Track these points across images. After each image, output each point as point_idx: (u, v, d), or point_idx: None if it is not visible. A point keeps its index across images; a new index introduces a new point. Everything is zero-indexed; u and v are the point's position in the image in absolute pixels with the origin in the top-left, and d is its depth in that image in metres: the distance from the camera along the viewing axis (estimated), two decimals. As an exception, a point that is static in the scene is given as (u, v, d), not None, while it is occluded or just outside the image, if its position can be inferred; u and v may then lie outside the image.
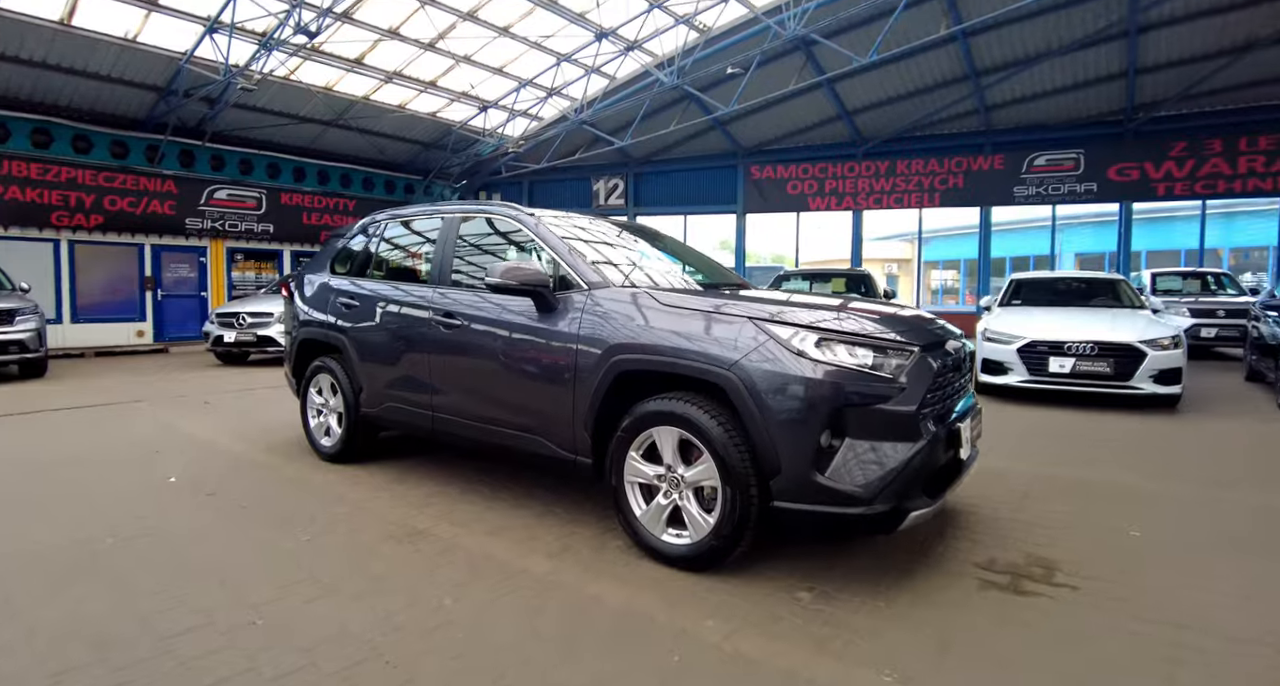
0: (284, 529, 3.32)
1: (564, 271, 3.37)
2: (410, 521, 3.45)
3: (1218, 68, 14.21)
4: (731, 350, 2.74)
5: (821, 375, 2.61)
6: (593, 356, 3.08)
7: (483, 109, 16.76)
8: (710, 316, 2.89)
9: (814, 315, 2.80)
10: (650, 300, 3.08)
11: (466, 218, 4.02)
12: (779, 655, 2.28)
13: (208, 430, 5.67)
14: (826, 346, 2.68)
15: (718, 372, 2.73)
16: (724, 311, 2.89)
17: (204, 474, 4.29)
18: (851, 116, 17.54)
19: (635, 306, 3.08)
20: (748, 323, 2.79)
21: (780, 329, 2.73)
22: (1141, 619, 2.56)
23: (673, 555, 2.90)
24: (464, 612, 2.52)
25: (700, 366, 2.78)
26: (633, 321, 3.02)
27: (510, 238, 3.90)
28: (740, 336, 2.76)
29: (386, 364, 4.09)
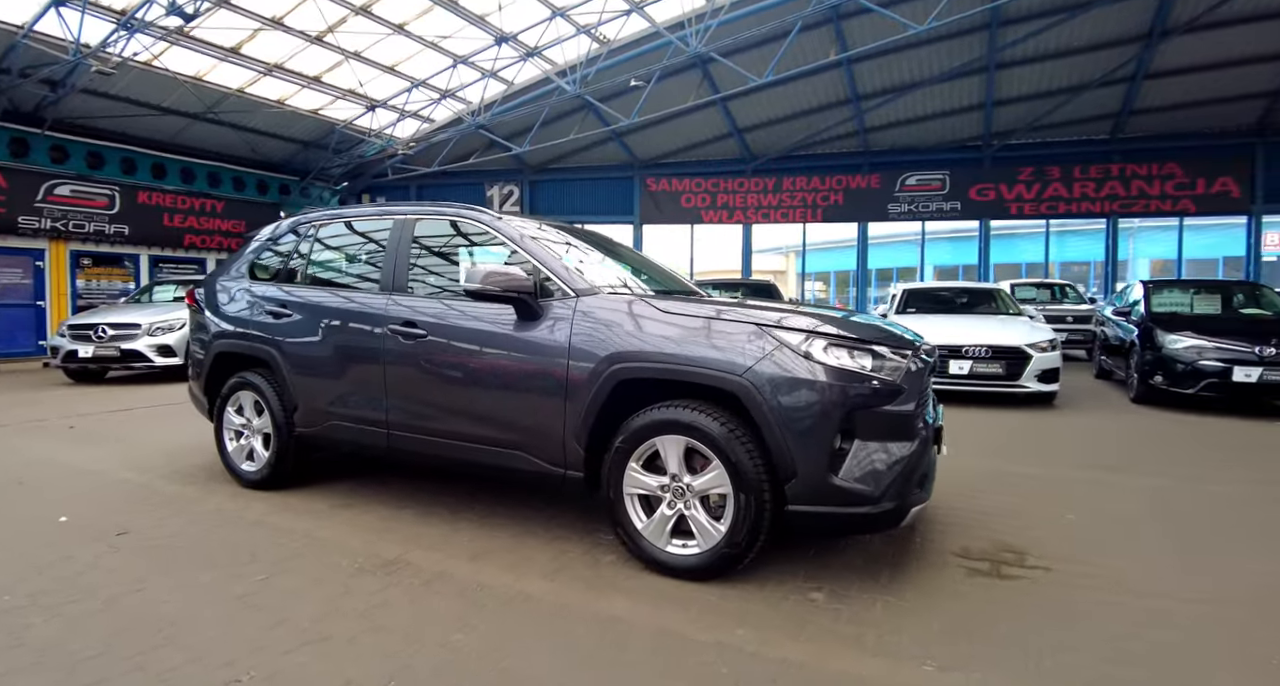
0: (231, 569, 2.92)
1: (546, 277, 3.21)
2: (375, 550, 3.15)
3: (1058, 104, 16.10)
4: (743, 356, 2.73)
5: (834, 379, 2.66)
6: (588, 366, 2.96)
7: (371, 108, 15.90)
8: (716, 323, 2.86)
9: (813, 321, 2.84)
10: (649, 307, 3.00)
11: (421, 219, 3.75)
12: (821, 657, 2.28)
13: (89, 459, 4.91)
14: (834, 351, 2.72)
15: (731, 379, 2.70)
16: (728, 318, 2.87)
17: (102, 511, 3.70)
18: (743, 134, 18.25)
19: (633, 314, 2.99)
20: (756, 329, 2.79)
21: (789, 335, 2.75)
22: (1113, 592, 2.80)
23: (680, 566, 2.83)
24: (480, 647, 2.31)
25: (712, 373, 2.74)
26: (633, 329, 2.93)
27: (474, 241, 3.69)
28: (751, 343, 2.75)
29: (330, 379, 3.72)
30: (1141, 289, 8.98)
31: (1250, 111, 15.78)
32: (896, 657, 2.30)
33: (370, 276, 3.82)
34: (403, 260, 3.65)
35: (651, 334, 2.90)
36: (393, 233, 3.76)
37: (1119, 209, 17.32)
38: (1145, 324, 7.98)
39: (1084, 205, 17.48)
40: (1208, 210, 16.71)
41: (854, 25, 14.05)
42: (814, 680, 2.15)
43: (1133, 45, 14.23)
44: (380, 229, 3.95)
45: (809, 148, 18.74)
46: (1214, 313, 8.52)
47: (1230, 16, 13.11)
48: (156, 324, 9.37)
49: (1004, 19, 13.57)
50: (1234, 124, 16.17)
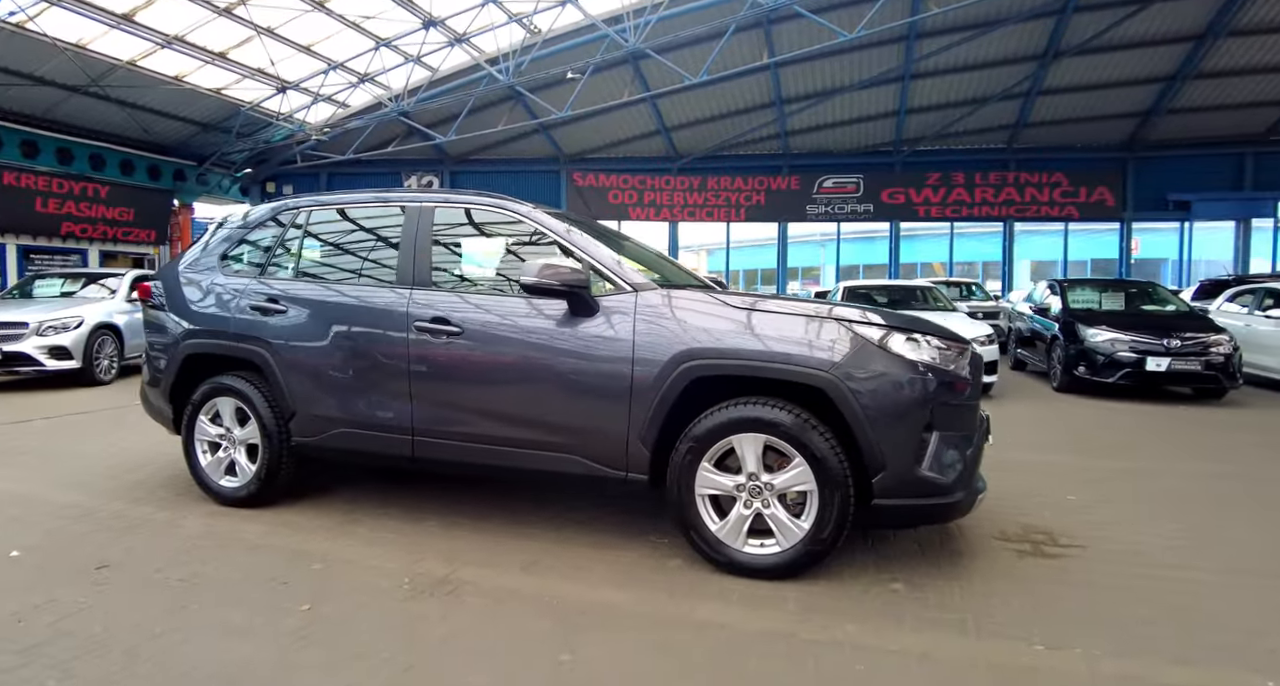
0: (264, 601, 2.57)
1: (599, 271, 3.05)
2: (419, 569, 2.87)
3: (963, 114, 17.25)
4: (829, 352, 2.69)
5: (917, 373, 2.68)
6: (655, 364, 2.83)
7: (281, 90, 14.79)
8: (793, 319, 2.81)
9: (885, 316, 2.86)
10: (719, 303, 2.91)
11: (440, 208, 3.47)
12: (938, 646, 2.30)
13: (6, 479, 4.23)
14: (913, 345, 2.74)
15: (818, 375, 2.67)
16: (805, 313, 2.83)
17: (58, 542, 3.16)
18: (670, 132, 18.40)
19: (704, 310, 2.89)
20: (836, 323, 2.77)
21: (869, 330, 2.75)
22: (1147, 567, 3.00)
23: (758, 566, 2.77)
24: (596, 665, 2.15)
25: (797, 370, 2.69)
26: (706, 325, 2.83)
27: (506, 233, 3.46)
28: (833, 338, 2.73)
29: (337, 383, 3.37)
30: (1058, 287, 9.74)
31: (1123, 129, 17.52)
32: (1005, 639, 2.35)
33: (382, 269, 3.50)
34: (424, 252, 3.36)
35: (727, 330, 2.82)
36: (407, 222, 3.45)
37: (1014, 213, 18.80)
38: (1067, 319, 8.65)
39: (984, 209, 18.85)
40: (1089, 216, 18.44)
41: (784, 30, 14.45)
42: (948, 669, 2.16)
43: (1030, 63, 15.44)
44: (387, 218, 3.62)
45: (733, 148, 19.13)
46: (1121, 309, 9.36)
47: (1112, 42, 14.49)
48: (48, 323, 8.27)
49: (921, 32, 14.36)
50: (1110, 139, 17.90)
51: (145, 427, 5.83)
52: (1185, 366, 7.59)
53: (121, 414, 6.36)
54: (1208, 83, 15.60)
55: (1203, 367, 7.58)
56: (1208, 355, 7.60)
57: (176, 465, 4.47)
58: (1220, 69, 15.17)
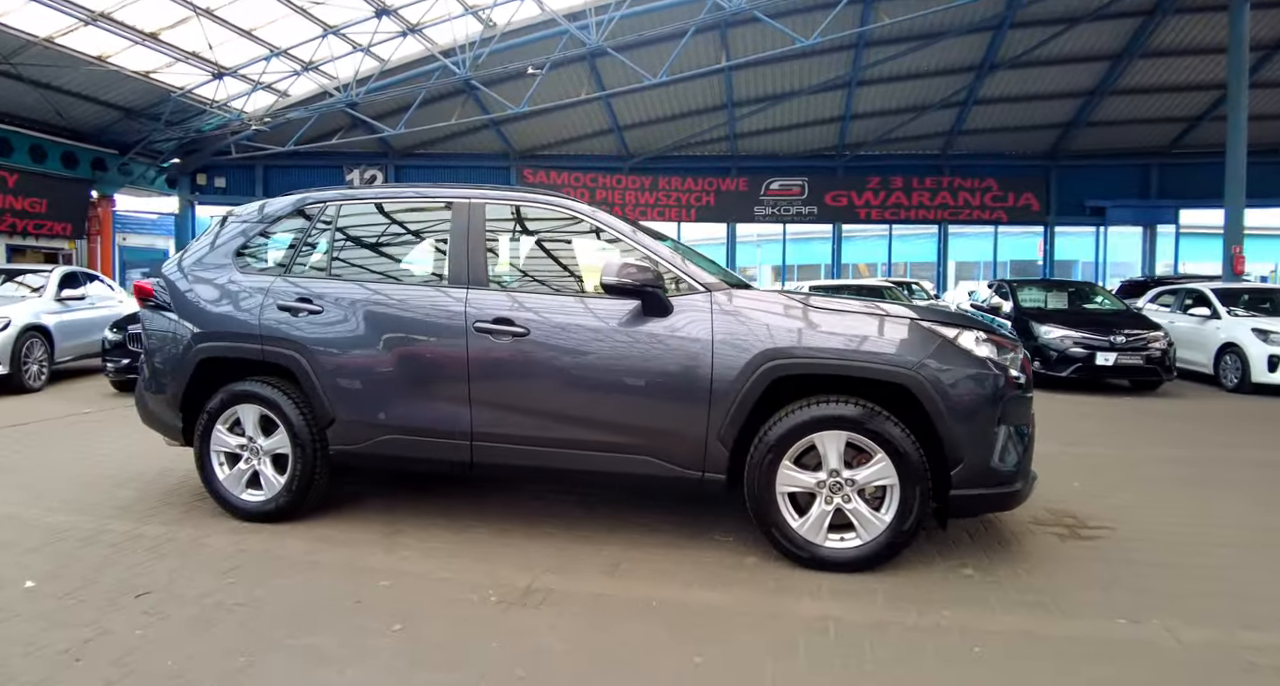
0: (345, 625, 2.40)
1: (671, 271, 3.04)
2: (497, 580, 2.76)
3: (903, 122, 18.00)
4: (911, 351, 2.79)
5: (990, 370, 2.81)
6: (737, 363, 2.84)
7: (218, 75, 13.94)
8: (871, 318, 2.89)
9: (955, 316, 2.98)
10: (794, 303, 2.96)
11: (491, 204, 3.36)
12: (1036, 625, 2.44)
13: None
14: (983, 344, 2.87)
15: (904, 373, 2.75)
16: (878, 313, 2.91)
17: (76, 567, 2.86)
18: (623, 131, 18.41)
19: (781, 310, 2.93)
20: (914, 323, 2.86)
21: (945, 329, 2.86)
22: (1174, 545, 3.24)
23: (840, 560, 2.83)
24: (733, 666, 2.16)
25: (884, 368, 2.77)
26: (789, 325, 2.88)
27: (562, 230, 3.39)
28: (915, 337, 2.82)
29: (386, 387, 3.20)
30: (1008, 288, 10.31)
31: (1047, 139, 18.70)
32: (1088, 617, 2.51)
33: (428, 268, 3.37)
34: (477, 251, 3.25)
35: (809, 330, 2.87)
36: (455, 219, 3.33)
37: (948, 217, 19.77)
38: (1020, 318, 9.18)
39: (920, 212, 19.73)
40: (1016, 220, 19.59)
41: (740, 33, 14.71)
42: (1056, 646, 2.30)
43: (968, 74, 16.27)
44: (432, 216, 3.49)
45: (683, 149, 19.32)
46: (1066, 308, 10.01)
47: (1041, 58, 15.44)
48: (-31, 323, 7.51)
49: (870, 41, 14.90)
50: (1035, 148, 19.07)
51: (106, 437, 5.46)
52: (1129, 360, 8.20)
53: (71, 424, 5.92)
54: (1122, 99, 16.84)
55: (1144, 362, 8.20)
56: (1148, 350, 8.23)
57: (168, 477, 4.22)
58: (1133, 86, 16.41)
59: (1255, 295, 9.82)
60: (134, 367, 7.81)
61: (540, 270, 3.34)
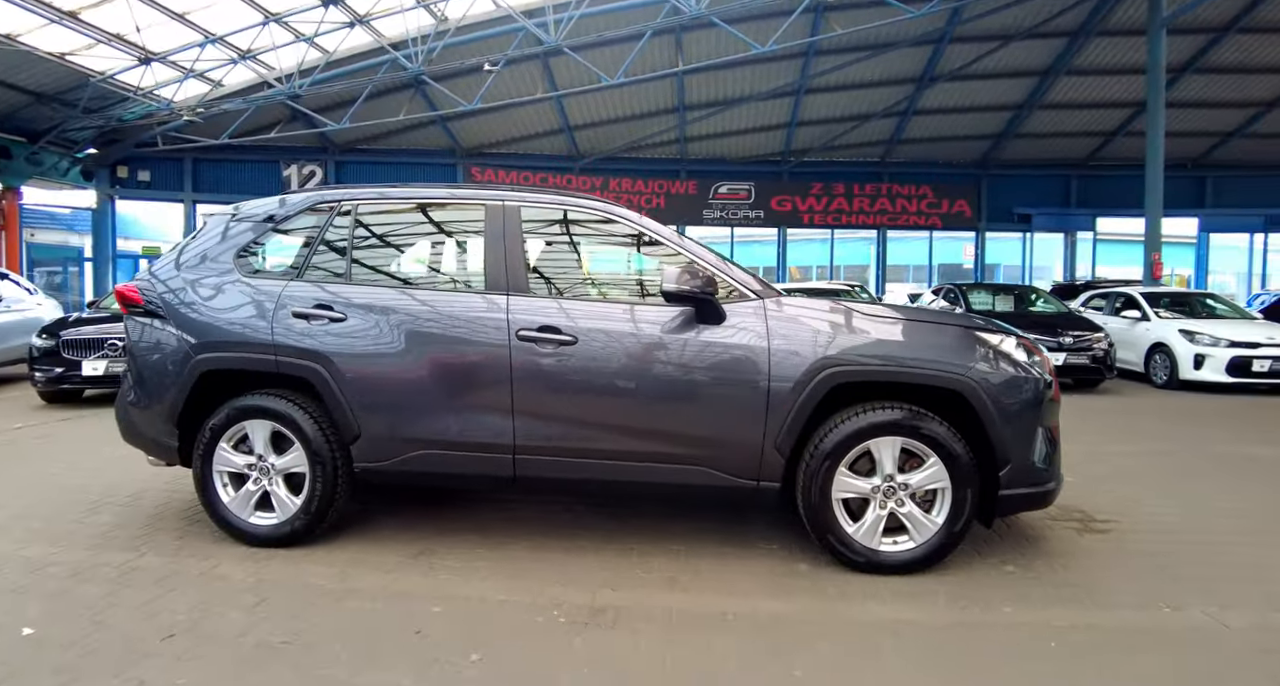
0: (416, 658, 2.23)
1: (723, 278, 3.01)
2: (556, 597, 2.66)
3: (846, 130, 18.56)
4: (962, 357, 2.85)
5: (1032, 373, 2.92)
6: (795, 371, 2.83)
7: (145, 61, 13.00)
8: (921, 326, 2.95)
9: (992, 322, 3.07)
10: (847, 310, 2.98)
11: (526, 206, 3.25)
12: (1089, 617, 2.54)
13: None
14: (1022, 349, 2.97)
15: (957, 379, 2.81)
16: (928, 320, 2.97)
17: (78, 610, 2.55)
18: (574, 131, 18.26)
19: (837, 317, 2.94)
20: (962, 330, 2.93)
21: (990, 336, 2.94)
22: (1180, 534, 3.44)
23: (894, 562, 2.87)
24: (833, 677, 2.15)
25: (939, 374, 2.82)
26: (845, 332, 2.89)
27: (603, 236, 3.30)
28: (963, 344, 2.89)
29: (420, 399, 3.02)
30: (958, 292, 10.78)
31: (980, 148, 19.67)
32: (1136, 607, 2.63)
33: (461, 272, 3.22)
34: (515, 255, 3.13)
35: (865, 337, 2.89)
36: (490, 222, 3.19)
37: (887, 222, 20.51)
38: (974, 320, 9.61)
39: (861, 218, 20.41)
40: (950, 226, 20.49)
41: (695, 37, 14.81)
42: (1122, 636, 2.41)
43: (909, 85, 16.93)
44: (459, 215, 3.34)
45: (633, 151, 19.33)
46: (1013, 310, 10.54)
47: (977, 72, 16.23)
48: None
49: (819, 50, 15.29)
50: (968, 157, 20.03)
51: (53, 454, 5.02)
52: (1077, 360, 8.71)
53: (5, 442, 5.40)
54: (1048, 113, 17.90)
55: (1090, 361, 8.73)
56: (1093, 350, 8.77)
57: (145, 499, 3.88)
58: (1058, 102, 17.47)
59: (1175, 299, 10.61)
60: (67, 378, 7.20)
61: (581, 275, 3.25)
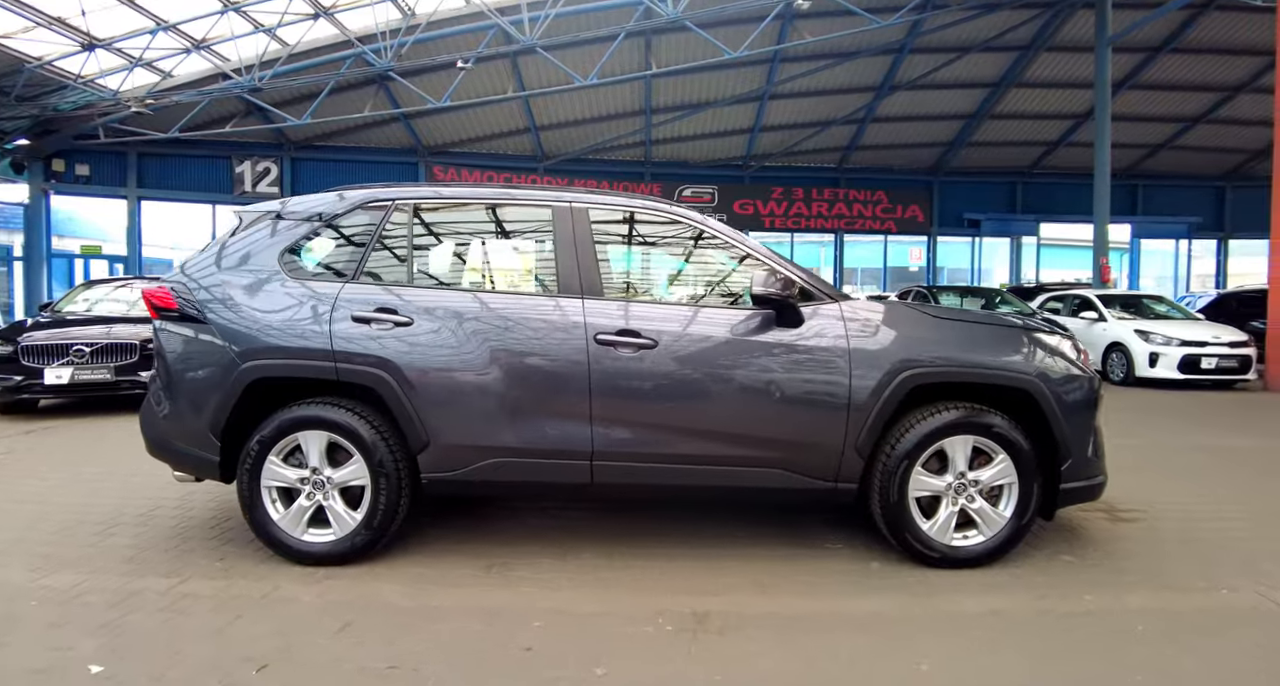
0: (534, 677, 2.17)
1: (798, 280, 3.05)
2: (651, 606, 2.63)
3: (807, 135, 18.99)
4: (1029, 358, 2.97)
5: (1085, 372, 3.07)
6: (875, 374, 2.89)
7: (89, 47, 12.24)
8: (990, 328, 3.06)
9: (1041, 324, 3.21)
10: (921, 313, 3.07)
11: (592, 209, 3.21)
12: (1157, 601, 2.70)
13: None
14: (1074, 350, 3.12)
15: (1025, 379, 2.92)
16: (994, 323, 3.09)
17: (141, 643, 2.36)
18: (540, 131, 18.09)
19: (910, 320, 3.02)
20: (1025, 332, 3.05)
21: (1047, 337, 3.07)
22: (1204, 522, 3.65)
23: (965, 556, 2.95)
24: (957, 669, 2.21)
25: (1011, 375, 2.92)
26: (920, 335, 2.96)
27: (672, 239, 3.29)
28: (1029, 345, 3.01)
29: (492, 406, 2.94)
30: (929, 294, 11.17)
31: (932, 156, 20.42)
32: (1197, 590, 2.79)
33: (533, 275, 3.16)
34: (587, 258, 3.08)
35: (940, 340, 2.97)
36: (559, 224, 3.14)
37: (844, 226, 21.06)
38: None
39: (819, 222, 20.90)
40: (904, 230, 21.19)
41: (664, 41, 14.90)
42: (1193, 618, 2.56)
43: (869, 93, 17.43)
44: (522, 215, 3.28)
45: (599, 153, 19.29)
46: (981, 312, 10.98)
47: (933, 82, 16.85)
48: None
49: (785, 57, 15.60)
50: (921, 164, 20.76)
51: (36, 472, 4.67)
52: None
53: None
54: (996, 122, 18.72)
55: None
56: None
57: (161, 517, 3.65)
58: (1006, 112, 18.29)
59: (1127, 301, 11.26)
60: (27, 387, 6.70)
61: (652, 278, 3.23)
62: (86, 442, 5.58)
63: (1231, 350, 9.21)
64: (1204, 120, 18.51)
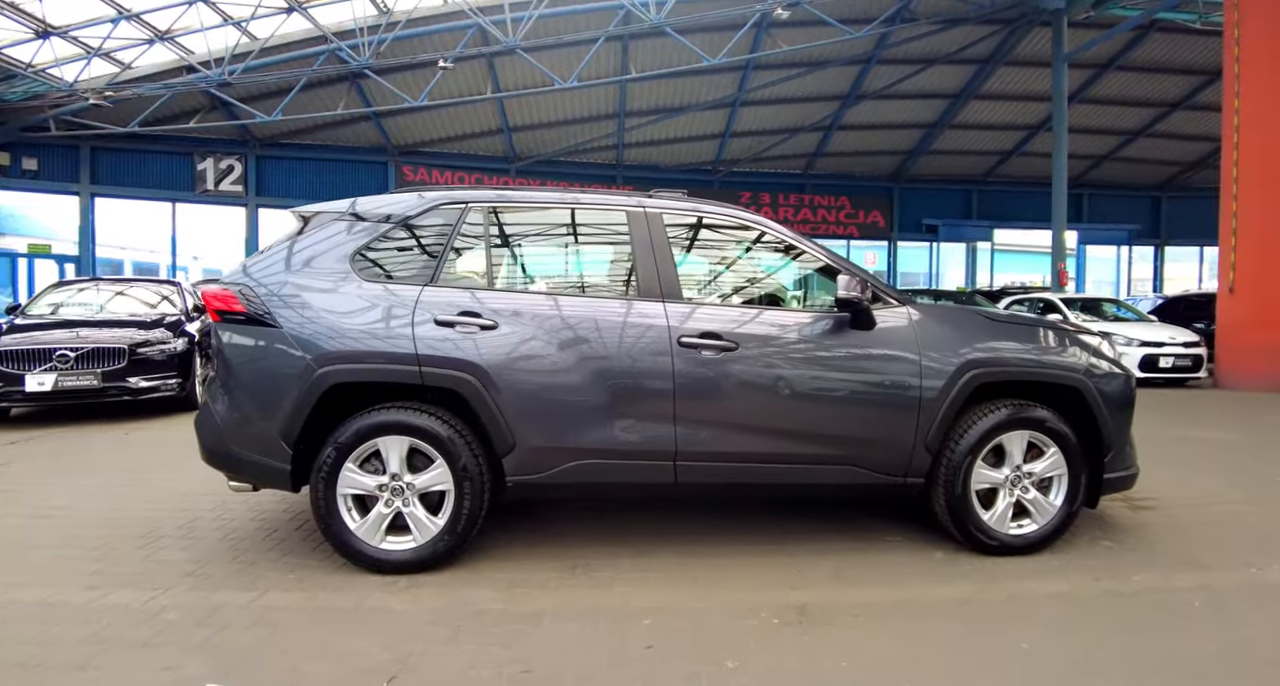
0: (665, 676, 2.23)
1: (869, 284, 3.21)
2: (748, 601, 2.73)
3: (776, 142, 19.38)
4: (1077, 357, 3.19)
5: (1122, 370, 3.32)
6: (944, 373, 3.05)
7: (43, 35, 11.65)
8: (1042, 330, 3.27)
9: (1081, 326, 3.45)
10: (978, 316, 3.26)
11: (666, 213, 3.30)
12: (1208, 581, 2.91)
13: None
14: (1114, 347, 3.37)
15: (1075, 378, 3.14)
16: (1044, 325, 3.30)
17: (240, 659, 2.31)
18: (512, 132, 17.99)
19: (973, 322, 3.21)
20: (1071, 333, 3.28)
21: (1089, 338, 3.31)
22: (1216, 506, 3.95)
23: (1019, 544, 3.14)
24: (1056, 643, 2.37)
25: (1062, 373, 3.14)
26: (981, 336, 3.15)
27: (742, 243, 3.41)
28: (1076, 345, 3.23)
29: (579, 408, 2.99)
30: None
31: (893, 163, 21.10)
32: (1229, 568, 3.05)
33: (612, 279, 3.22)
34: (666, 262, 3.16)
35: (1000, 342, 3.16)
36: (635, 228, 3.21)
37: (809, 231, 21.47)
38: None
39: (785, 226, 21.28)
40: (866, 235, 21.82)
41: (641, 45, 15.03)
42: (1238, 594, 2.79)
43: (836, 102, 17.92)
44: (598, 219, 3.34)
45: (571, 155, 19.30)
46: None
47: (898, 92, 17.44)
48: None
49: (758, 64, 15.92)
50: (883, 171, 21.43)
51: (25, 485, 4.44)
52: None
53: None
54: (955, 132, 19.48)
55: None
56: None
57: (199, 530, 3.53)
58: (964, 123, 19.05)
59: (1087, 304, 11.90)
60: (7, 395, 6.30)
61: (728, 282, 3.34)
62: (76, 453, 5.35)
63: (1186, 350, 9.86)
64: (1144, 134, 19.65)
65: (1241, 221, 9.55)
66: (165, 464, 4.85)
